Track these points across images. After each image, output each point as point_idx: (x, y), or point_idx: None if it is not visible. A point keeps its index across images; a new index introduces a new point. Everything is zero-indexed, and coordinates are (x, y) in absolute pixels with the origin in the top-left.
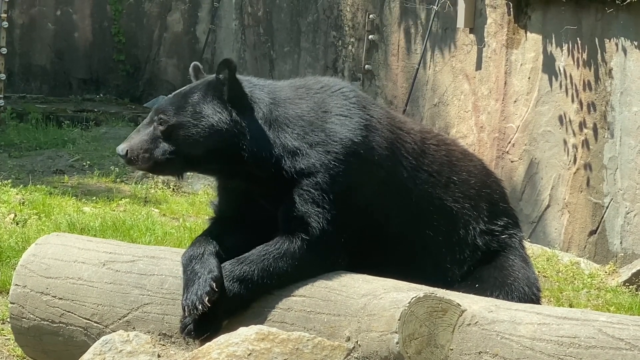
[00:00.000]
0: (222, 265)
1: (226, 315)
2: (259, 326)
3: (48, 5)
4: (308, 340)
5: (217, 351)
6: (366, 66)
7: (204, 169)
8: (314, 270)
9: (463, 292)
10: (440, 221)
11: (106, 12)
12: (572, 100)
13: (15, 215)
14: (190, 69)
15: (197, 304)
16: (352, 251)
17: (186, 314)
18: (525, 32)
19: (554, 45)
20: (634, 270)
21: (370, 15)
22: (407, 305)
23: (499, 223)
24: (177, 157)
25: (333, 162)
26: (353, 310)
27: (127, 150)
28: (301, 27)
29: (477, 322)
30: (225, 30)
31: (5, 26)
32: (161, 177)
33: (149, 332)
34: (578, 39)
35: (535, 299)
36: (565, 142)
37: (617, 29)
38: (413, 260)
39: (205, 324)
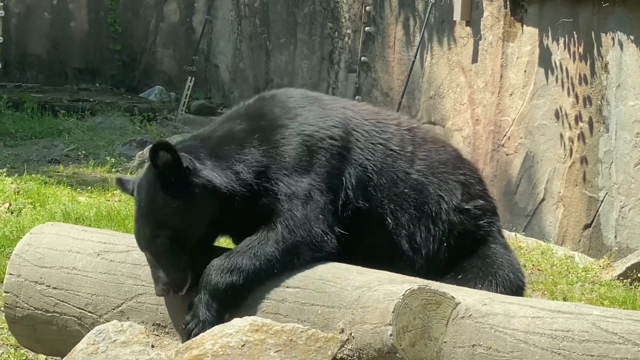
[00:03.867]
0: (212, 261)
1: (223, 306)
2: (253, 317)
3: None
4: (302, 331)
5: (211, 342)
6: (362, 58)
7: (221, 232)
8: (299, 253)
9: (447, 283)
10: (408, 193)
11: (102, 1)
12: (568, 94)
13: (10, 205)
14: (116, 184)
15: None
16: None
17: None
18: (522, 26)
19: (550, 38)
20: (628, 264)
21: (367, 7)
22: (401, 297)
23: (474, 204)
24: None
25: (293, 160)
26: (347, 302)
27: (167, 287)
28: (297, 19)
29: (470, 314)
30: (222, 21)
31: (2, 15)
32: None
33: (142, 323)
34: (574, 32)
35: (521, 285)
36: (560, 136)
37: (614, 23)
38: (390, 237)
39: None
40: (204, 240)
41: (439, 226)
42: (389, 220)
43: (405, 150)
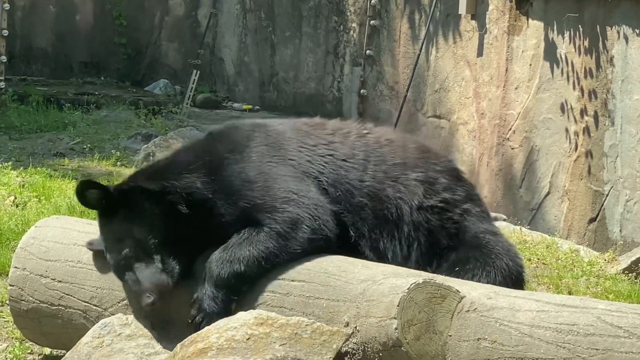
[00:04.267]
0: (211, 255)
1: (229, 296)
2: (258, 310)
3: None
4: (307, 325)
5: (216, 335)
6: (367, 52)
7: (190, 237)
8: (293, 237)
9: (445, 275)
10: (365, 202)
11: None
12: (573, 88)
13: (15, 198)
14: (87, 247)
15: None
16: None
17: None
18: (527, 19)
19: (555, 32)
20: (633, 258)
21: (372, 1)
22: (406, 291)
23: (439, 198)
24: (170, 250)
25: (242, 180)
26: (352, 296)
27: (150, 295)
28: (302, 12)
29: (475, 308)
30: (227, 15)
31: (7, 8)
32: None
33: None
34: (580, 26)
35: (520, 271)
36: (566, 130)
37: (619, 16)
38: (354, 249)
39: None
40: (185, 254)
41: (403, 230)
42: (351, 233)
43: (356, 159)
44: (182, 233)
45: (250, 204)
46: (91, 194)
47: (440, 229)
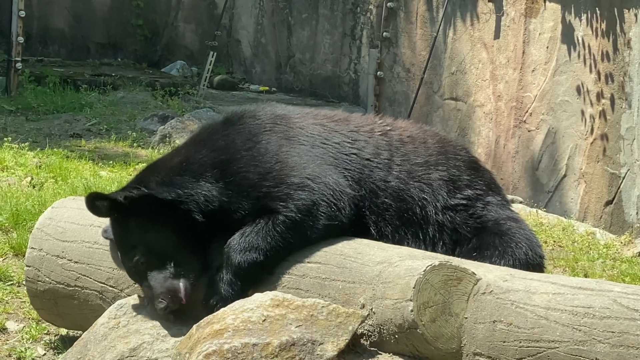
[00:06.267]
0: (228, 242)
1: (247, 284)
2: (274, 292)
3: None
4: (323, 307)
5: (232, 316)
6: (384, 33)
7: (203, 238)
8: (309, 227)
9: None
10: (389, 203)
11: None
12: (590, 71)
13: (32, 179)
14: (103, 236)
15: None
16: None
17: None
18: (544, 1)
19: (572, 14)
20: None
21: None
22: (422, 273)
23: (462, 195)
24: (181, 255)
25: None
26: (368, 278)
27: (163, 300)
28: None
29: (491, 291)
30: None
31: None
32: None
33: None
34: (597, 8)
35: (539, 261)
36: (582, 112)
37: None
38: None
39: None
40: (197, 255)
41: (427, 231)
42: (372, 231)
43: (381, 158)
44: (195, 237)
45: (265, 193)
46: (102, 204)
47: (464, 225)
